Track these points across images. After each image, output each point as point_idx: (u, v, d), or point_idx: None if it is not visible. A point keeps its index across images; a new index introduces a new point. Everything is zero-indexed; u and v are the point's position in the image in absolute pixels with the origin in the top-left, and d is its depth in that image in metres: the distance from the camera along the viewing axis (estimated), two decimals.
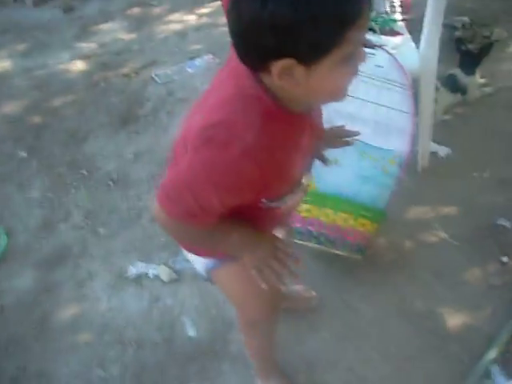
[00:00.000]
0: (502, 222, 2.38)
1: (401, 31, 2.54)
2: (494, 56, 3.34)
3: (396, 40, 2.45)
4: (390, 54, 2.18)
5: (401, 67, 2.15)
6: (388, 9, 2.61)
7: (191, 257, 1.49)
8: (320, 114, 1.32)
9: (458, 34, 3.68)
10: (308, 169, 1.30)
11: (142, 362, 2.08)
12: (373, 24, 2.48)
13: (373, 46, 2.22)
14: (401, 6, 2.65)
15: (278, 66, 0.92)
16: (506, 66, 3.31)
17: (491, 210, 2.45)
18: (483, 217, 2.42)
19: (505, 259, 2.24)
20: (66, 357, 2.13)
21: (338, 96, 1.06)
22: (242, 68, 1.03)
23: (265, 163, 1.02)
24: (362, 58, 1.00)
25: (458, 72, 3.06)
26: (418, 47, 2.41)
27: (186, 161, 1.08)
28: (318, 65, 0.93)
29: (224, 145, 1.00)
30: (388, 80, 2.16)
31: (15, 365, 2.13)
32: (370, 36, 2.33)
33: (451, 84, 3.03)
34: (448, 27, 3.76)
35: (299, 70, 0.93)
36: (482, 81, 3.19)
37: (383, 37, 2.43)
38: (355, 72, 1.01)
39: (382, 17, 2.58)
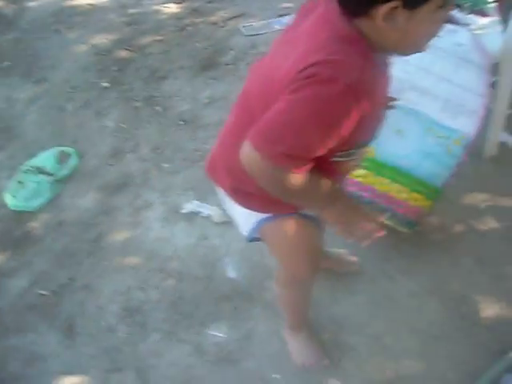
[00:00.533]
0: None
1: (491, 13, 2.46)
2: None
3: (483, 21, 2.38)
4: (473, 33, 2.14)
5: (482, 48, 2.10)
6: None
7: (241, 215, 1.50)
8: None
9: None
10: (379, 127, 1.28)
11: (180, 292, 2.19)
12: (461, 1, 2.42)
13: (457, 23, 2.18)
14: None
15: (385, 8, 0.98)
16: None
17: None
18: None
19: None
20: (113, 275, 2.28)
21: (423, 46, 1.14)
22: (332, 14, 1.08)
23: (365, 103, 1.03)
24: (452, 7, 1.07)
25: None
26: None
27: (284, 103, 1.05)
28: (420, 10, 1.01)
29: (328, 80, 1.00)
30: (467, 59, 2.12)
31: (65, 275, 2.30)
32: (455, 13, 2.28)
33: None
34: None
35: (403, 14, 1.00)
36: None
37: (470, 16, 2.36)
38: (446, 20, 1.09)
39: None
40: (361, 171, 2.17)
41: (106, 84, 3.38)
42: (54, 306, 2.23)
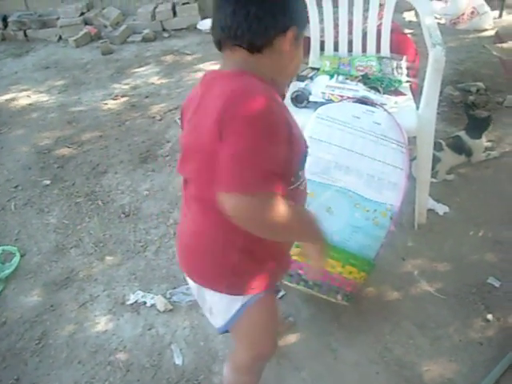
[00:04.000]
0: (492, 281, 2.44)
1: (404, 92, 2.67)
2: (503, 121, 3.47)
3: (398, 99, 2.58)
4: (388, 112, 2.32)
5: (398, 126, 2.28)
6: (395, 70, 2.76)
7: (221, 303, 1.50)
8: None
9: (471, 98, 3.83)
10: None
11: None
12: (378, 84, 2.63)
13: (373, 104, 2.37)
14: (407, 68, 2.79)
15: (289, 34, 1.24)
16: None
17: (482, 269, 2.52)
18: (473, 275, 2.49)
19: (489, 317, 2.29)
20: (59, 372, 2.26)
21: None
22: (221, 71, 1.30)
23: (285, 110, 1.25)
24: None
25: (463, 134, 3.18)
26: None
27: (229, 146, 1.14)
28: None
29: (252, 95, 1.17)
30: (385, 137, 2.28)
31: (11, 375, 2.26)
32: (371, 94, 2.47)
33: (457, 146, 3.14)
34: (463, 91, 3.92)
35: (300, 35, 1.28)
36: (489, 144, 3.29)
37: (385, 96, 2.57)
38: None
39: (389, 78, 2.72)
40: (295, 249, 2.26)
41: (47, 181, 3.45)
42: None
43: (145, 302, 2.50)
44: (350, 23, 2.87)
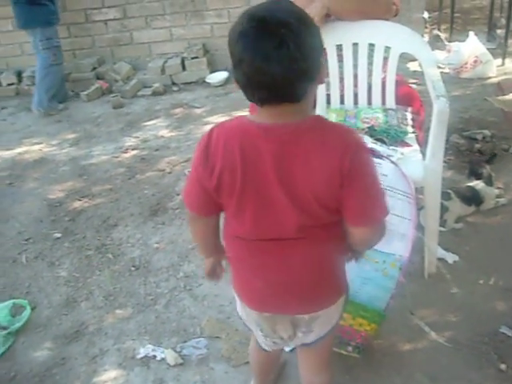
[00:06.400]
0: (505, 330, 2.41)
1: (410, 143, 2.71)
2: (510, 167, 3.50)
3: (404, 150, 2.61)
4: (395, 163, 2.35)
5: (404, 177, 2.29)
6: (400, 122, 2.80)
7: (324, 318, 1.65)
8: None
9: (477, 146, 3.86)
10: None
11: None
12: (384, 135, 2.67)
13: (380, 156, 2.40)
14: (413, 119, 2.84)
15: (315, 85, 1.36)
16: None
17: (494, 318, 2.49)
18: (485, 324, 2.46)
19: (503, 367, 2.26)
20: None
21: None
22: (296, 124, 1.38)
23: None
24: None
25: (475, 184, 3.21)
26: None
27: (360, 180, 1.38)
28: None
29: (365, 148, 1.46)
30: (392, 188, 2.29)
31: None
32: (378, 146, 2.51)
33: (467, 196, 3.16)
34: (469, 139, 3.96)
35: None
36: (497, 191, 3.31)
37: (392, 147, 2.60)
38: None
39: (395, 129, 2.76)
40: None
41: (58, 234, 3.48)
42: None
43: (155, 356, 2.49)
44: (355, 77, 2.94)
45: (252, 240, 1.49)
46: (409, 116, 2.85)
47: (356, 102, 2.98)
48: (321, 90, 2.90)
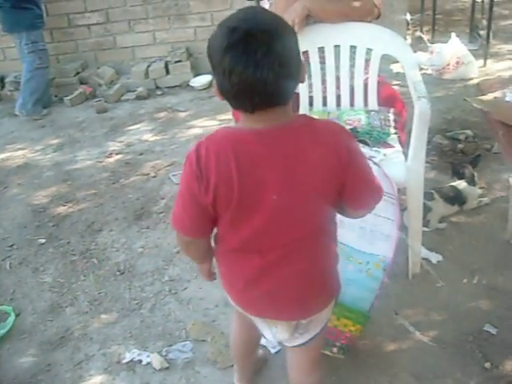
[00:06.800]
0: (489, 328, 2.43)
1: (393, 144, 2.73)
2: (492, 167, 3.53)
3: (386, 152, 2.63)
4: (378, 165, 2.36)
5: (387, 177, 2.31)
6: (383, 123, 2.82)
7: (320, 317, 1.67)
8: None
9: (460, 146, 3.89)
10: None
11: None
12: (366, 137, 2.68)
13: None
14: (395, 120, 2.85)
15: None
16: (503, 177, 3.44)
17: (478, 317, 2.51)
18: (469, 322, 2.48)
19: (487, 365, 2.27)
20: None
21: None
22: (283, 125, 1.42)
23: None
24: None
25: (457, 183, 3.24)
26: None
27: (358, 164, 1.49)
28: None
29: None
30: None
31: None
32: (361, 147, 2.52)
33: (449, 196, 3.18)
34: (451, 140, 3.99)
35: None
36: (480, 191, 3.33)
37: (374, 148, 2.62)
38: None
39: (377, 130, 2.77)
40: None
41: (42, 240, 3.46)
42: None
43: (141, 361, 2.48)
44: (338, 79, 2.95)
45: (248, 251, 1.49)
46: (391, 117, 2.86)
47: (339, 104, 2.99)
48: (303, 93, 2.92)
